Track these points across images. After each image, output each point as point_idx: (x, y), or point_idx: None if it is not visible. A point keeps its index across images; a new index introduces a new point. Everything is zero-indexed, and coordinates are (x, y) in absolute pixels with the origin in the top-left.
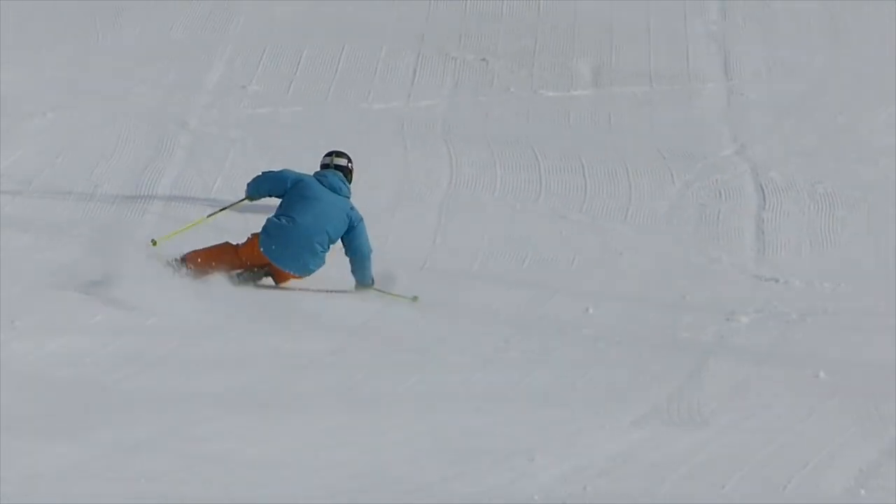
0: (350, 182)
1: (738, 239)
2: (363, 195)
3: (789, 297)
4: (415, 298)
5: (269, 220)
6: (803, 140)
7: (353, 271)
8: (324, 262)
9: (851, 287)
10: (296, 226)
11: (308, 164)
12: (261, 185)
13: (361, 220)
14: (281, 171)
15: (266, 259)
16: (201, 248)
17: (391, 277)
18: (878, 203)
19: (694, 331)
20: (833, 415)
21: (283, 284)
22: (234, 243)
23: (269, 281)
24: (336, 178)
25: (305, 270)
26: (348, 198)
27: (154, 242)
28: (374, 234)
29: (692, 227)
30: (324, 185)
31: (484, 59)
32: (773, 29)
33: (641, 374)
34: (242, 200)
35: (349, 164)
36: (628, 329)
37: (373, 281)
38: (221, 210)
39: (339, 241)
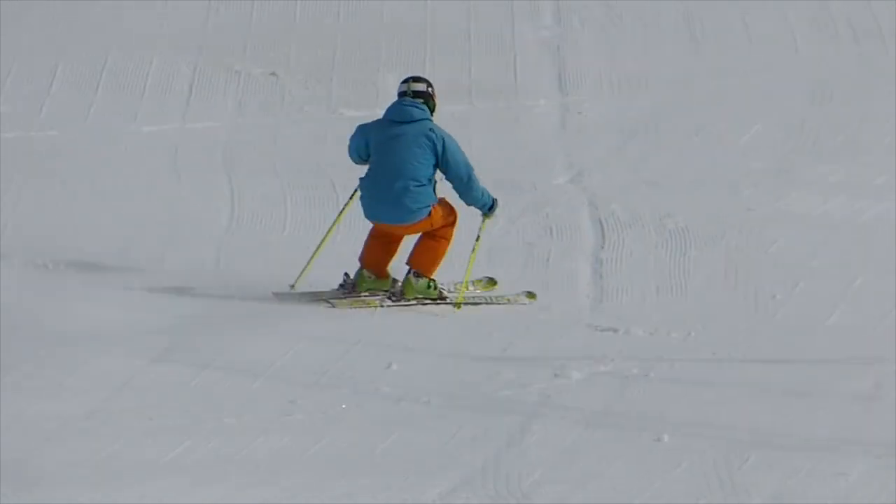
0: (433, 109)
1: (571, 283)
2: (119, 238)
3: (629, 349)
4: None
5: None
6: (651, 166)
7: (463, 200)
8: (431, 198)
9: (704, 337)
10: (374, 176)
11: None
12: (360, 154)
13: (444, 138)
14: (355, 132)
15: (379, 225)
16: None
17: None
18: (738, 241)
19: (516, 388)
20: (679, 484)
21: (412, 235)
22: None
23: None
24: (405, 105)
25: (410, 214)
26: (425, 120)
27: (292, 287)
28: (140, 286)
29: (518, 270)
30: (393, 121)
31: (273, 74)
32: (617, 35)
33: (453, 440)
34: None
35: (429, 89)
36: (439, 387)
37: (494, 203)
38: (339, 217)
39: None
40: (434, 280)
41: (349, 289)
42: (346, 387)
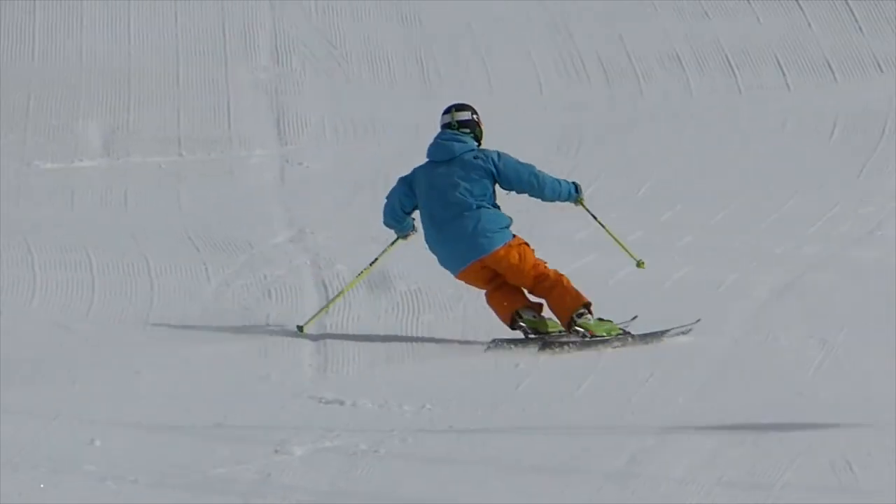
0: (480, 137)
1: (292, 351)
2: None
3: (357, 423)
4: (640, 263)
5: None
6: (381, 222)
7: (546, 200)
8: (504, 220)
9: (440, 409)
10: (437, 224)
11: None
12: (393, 215)
13: (493, 155)
14: (396, 186)
15: (472, 268)
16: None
17: None
18: (476, 303)
19: (232, 466)
20: None
21: (505, 269)
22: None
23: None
24: (444, 140)
25: (490, 240)
26: (470, 145)
27: (301, 329)
28: None
29: (232, 337)
30: (435, 161)
31: None
32: (342, 77)
33: None
34: (395, 242)
35: (474, 117)
36: (146, 464)
37: (576, 186)
38: (372, 265)
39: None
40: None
41: (539, 336)
42: (44, 465)
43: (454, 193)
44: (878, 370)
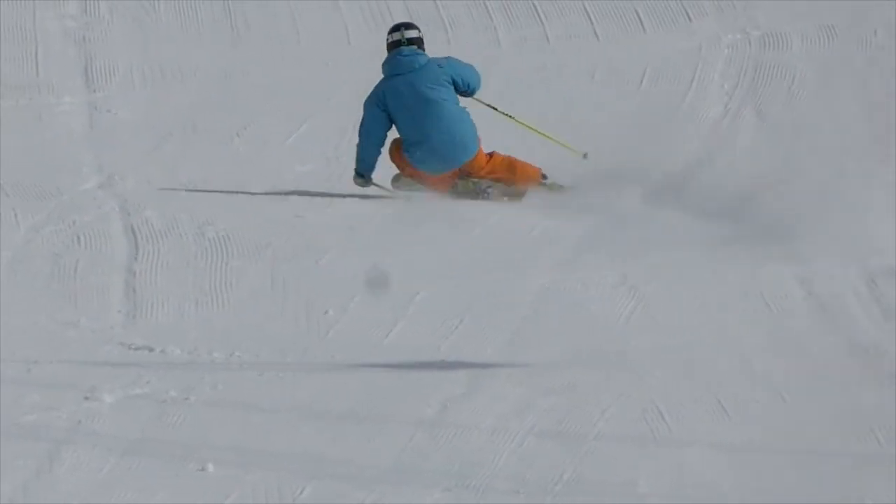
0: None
1: (101, 297)
2: None
3: (167, 370)
4: (585, 155)
5: (410, 151)
6: (190, 169)
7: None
8: (473, 124)
9: (249, 356)
10: (426, 134)
11: None
12: (371, 147)
13: (451, 64)
14: (368, 114)
15: (454, 172)
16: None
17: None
18: (285, 250)
19: (43, 412)
20: None
21: (476, 170)
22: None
23: None
24: (405, 58)
25: (472, 148)
26: (428, 57)
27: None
28: None
29: (42, 283)
30: (404, 74)
31: None
32: (151, 26)
33: None
34: (374, 185)
35: (420, 34)
36: None
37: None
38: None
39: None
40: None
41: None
42: None
43: (438, 103)
44: (690, 319)
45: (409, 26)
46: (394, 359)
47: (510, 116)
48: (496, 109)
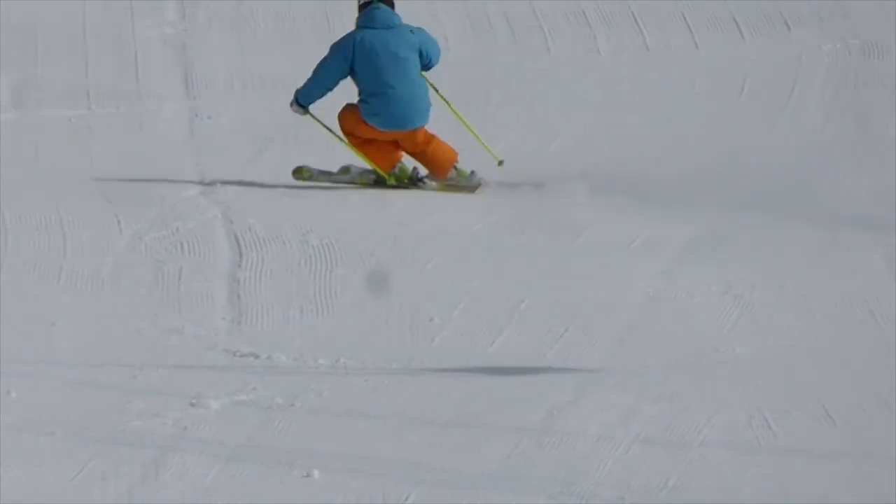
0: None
1: (205, 304)
2: None
3: (272, 377)
4: (500, 163)
5: (367, 102)
6: (288, 177)
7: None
8: (428, 97)
9: (355, 363)
10: (398, 86)
11: None
12: (320, 84)
13: (422, 32)
14: (333, 55)
15: (397, 134)
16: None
17: None
18: (389, 258)
19: (149, 419)
20: None
21: (413, 143)
22: (350, 138)
23: None
24: (383, 13)
25: (428, 110)
26: (400, 23)
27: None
28: None
29: (145, 290)
30: (379, 29)
31: None
32: (249, 33)
33: (80, 474)
34: (310, 117)
35: None
36: (62, 417)
37: None
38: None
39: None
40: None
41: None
42: None
43: (405, 61)
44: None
45: None
46: (499, 366)
47: (447, 102)
48: (436, 90)
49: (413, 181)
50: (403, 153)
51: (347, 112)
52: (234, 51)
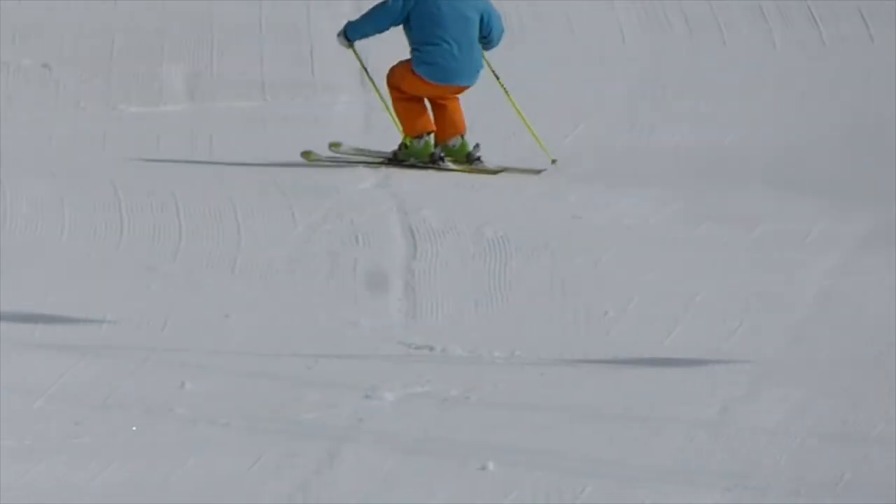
0: None
1: (380, 296)
2: None
3: (447, 369)
4: (554, 161)
5: (420, 50)
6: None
7: (490, 48)
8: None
9: (529, 356)
10: (454, 41)
11: None
12: (376, 22)
13: (489, 5)
14: (392, 4)
15: (445, 89)
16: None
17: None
18: (564, 251)
19: (324, 410)
20: None
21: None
22: (395, 93)
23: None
24: None
25: (479, 71)
26: None
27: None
28: None
29: (320, 282)
30: None
31: (45, 65)
32: None
33: (255, 466)
34: (352, 50)
35: None
36: (237, 408)
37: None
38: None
39: None
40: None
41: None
42: (136, 407)
43: (466, 20)
44: None
45: None
46: (673, 359)
47: (506, 91)
48: (497, 78)
49: (433, 160)
50: (433, 131)
51: (399, 66)
52: (407, 43)
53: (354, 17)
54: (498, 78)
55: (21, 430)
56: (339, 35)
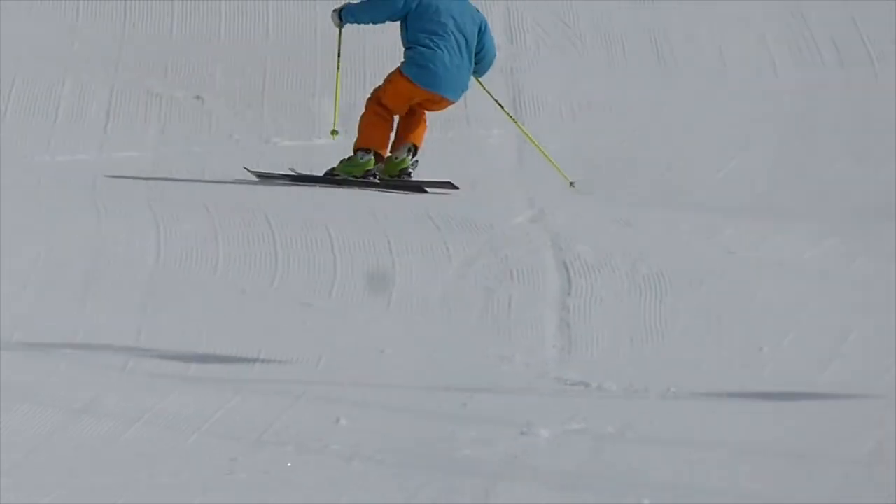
0: None
1: (535, 332)
2: (34, 282)
3: (603, 405)
4: (572, 184)
5: (411, 50)
6: (620, 203)
7: (476, 72)
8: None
9: (685, 393)
10: (446, 48)
11: None
12: (375, 10)
13: (486, 19)
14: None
15: (425, 94)
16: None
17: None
18: (719, 287)
19: (479, 447)
20: None
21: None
22: (374, 98)
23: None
24: None
25: (463, 91)
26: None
27: (334, 132)
28: (59, 328)
29: (475, 317)
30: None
31: (198, 97)
32: (577, 57)
33: (410, 503)
34: (340, 31)
35: None
36: (392, 445)
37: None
38: (339, 49)
39: None
40: None
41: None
42: (291, 443)
43: (466, 36)
44: None
45: None
46: (829, 395)
47: (515, 121)
48: (501, 107)
49: (364, 177)
50: (382, 155)
51: (393, 74)
52: (562, 75)
53: (509, 48)
54: (502, 107)
55: (176, 466)
56: (333, 12)
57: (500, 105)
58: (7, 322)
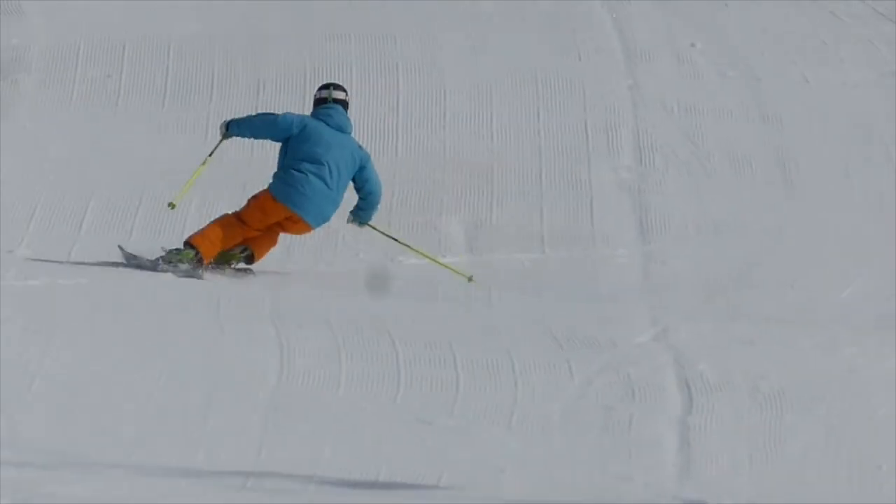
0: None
1: (655, 451)
2: (155, 399)
3: None
4: (470, 279)
5: (283, 170)
6: (743, 322)
7: (359, 209)
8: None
9: None
10: (317, 176)
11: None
12: (257, 128)
13: (369, 157)
14: (283, 116)
15: (284, 212)
16: (199, 231)
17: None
18: (839, 405)
19: None
20: None
21: (292, 234)
22: (233, 212)
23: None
24: (340, 115)
25: (324, 221)
26: (351, 134)
27: (172, 205)
28: (180, 444)
29: (595, 436)
30: (331, 127)
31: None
32: (704, 176)
33: None
34: (222, 140)
35: (347, 97)
36: None
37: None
38: (213, 151)
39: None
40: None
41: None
42: None
43: (341, 170)
44: None
45: (337, 87)
46: None
47: (403, 243)
48: (389, 236)
49: (194, 262)
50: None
51: (258, 192)
52: (689, 194)
53: (636, 168)
54: (396, 239)
55: None
56: (222, 123)
57: (389, 236)
58: (129, 439)
